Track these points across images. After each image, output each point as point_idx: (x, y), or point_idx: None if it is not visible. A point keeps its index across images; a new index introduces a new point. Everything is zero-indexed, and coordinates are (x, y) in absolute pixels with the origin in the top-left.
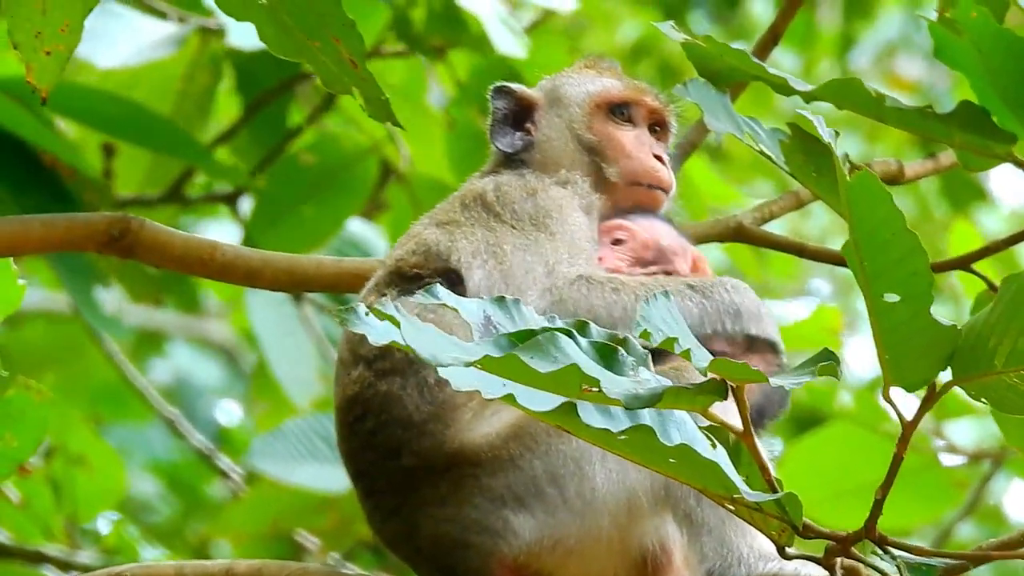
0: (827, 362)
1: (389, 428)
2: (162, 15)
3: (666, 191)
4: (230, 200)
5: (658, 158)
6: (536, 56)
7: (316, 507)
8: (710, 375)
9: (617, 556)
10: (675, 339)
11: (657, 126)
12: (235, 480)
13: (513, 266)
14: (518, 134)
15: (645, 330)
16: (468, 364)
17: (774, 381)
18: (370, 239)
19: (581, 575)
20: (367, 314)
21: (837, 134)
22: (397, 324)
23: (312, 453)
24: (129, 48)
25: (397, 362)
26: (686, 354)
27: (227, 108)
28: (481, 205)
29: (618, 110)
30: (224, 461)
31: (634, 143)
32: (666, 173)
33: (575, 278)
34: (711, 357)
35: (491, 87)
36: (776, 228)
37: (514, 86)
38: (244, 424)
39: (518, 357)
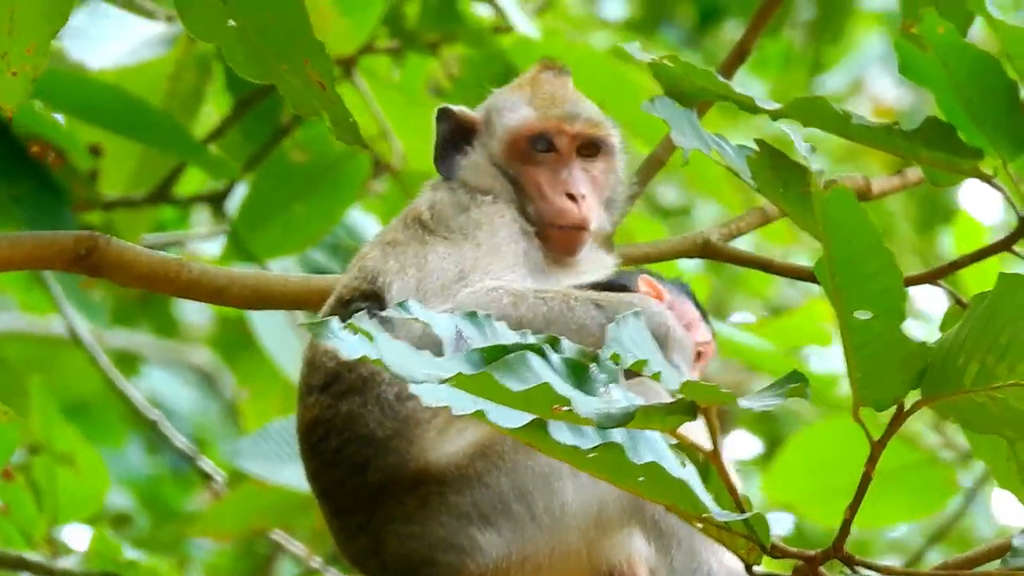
0: (796, 383)
1: (353, 445)
2: (150, 15)
3: (582, 229)
4: (216, 200)
5: (571, 197)
6: (537, 49)
7: (299, 507)
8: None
9: (585, 572)
10: (645, 361)
11: (586, 149)
12: (217, 482)
13: (428, 273)
14: (458, 157)
15: (615, 353)
16: (442, 382)
17: (742, 404)
18: (369, 230)
19: None
20: (339, 328)
21: (813, 148)
22: (371, 338)
23: (297, 454)
24: (119, 48)
25: (351, 382)
26: (657, 376)
27: (218, 107)
28: (419, 224)
29: (538, 142)
30: (207, 463)
31: (548, 181)
32: (576, 212)
33: (490, 288)
34: (682, 379)
35: (436, 110)
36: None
37: (455, 108)
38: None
39: (491, 376)
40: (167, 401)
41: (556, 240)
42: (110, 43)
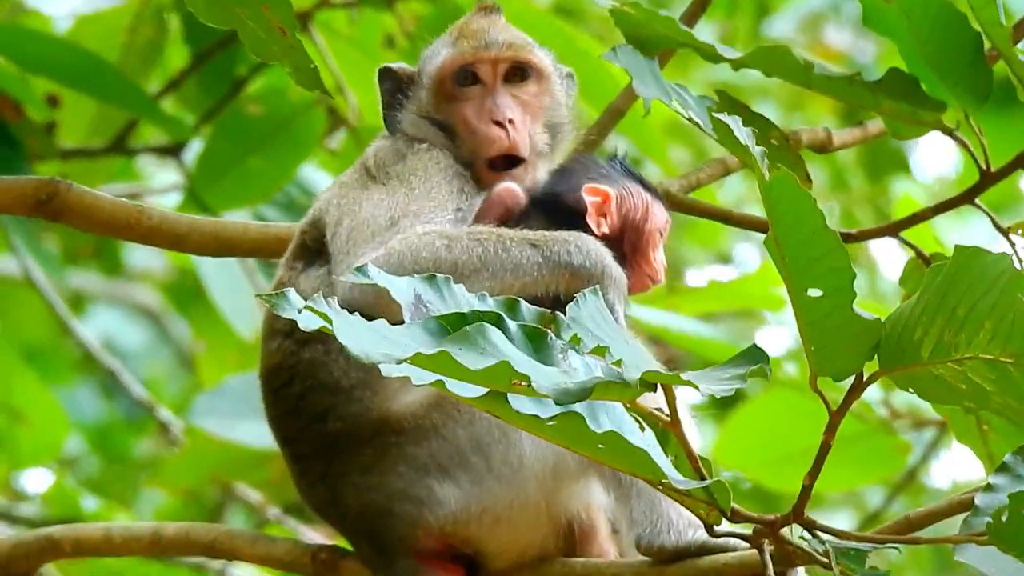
0: (757, 364)
1: (316, 393)
2: None
3: (515, 155)
4: (174, 151)
5: (499, 124)
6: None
7: (256, 461)
8: None
9: (544, 522)
10: (606, 348)
11: (512, 75)
12: (174, 432)
13: (360, 221)
14: (397, 112)
15: (575, 335)
16: (399, 362)
17: (704, 388)
18: (323, 187)
19: (508, 542)
20: (297, 300)
21: (755, 131)
22: (329, 321)
23: (253, 410)
24: None
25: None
26: (618, 363)
27: (175, 60)
28: (364, 169)
29: (460, 77)
30: (164, 413)
31: (475, 113)
32: (505, 138)
33: (422, 232)
34: (646, 366)
35: (377, 71)
36: None
37: (394, 66)
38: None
39: (449, 355)
40: (116, 341)
41: (491, 180)
42: None
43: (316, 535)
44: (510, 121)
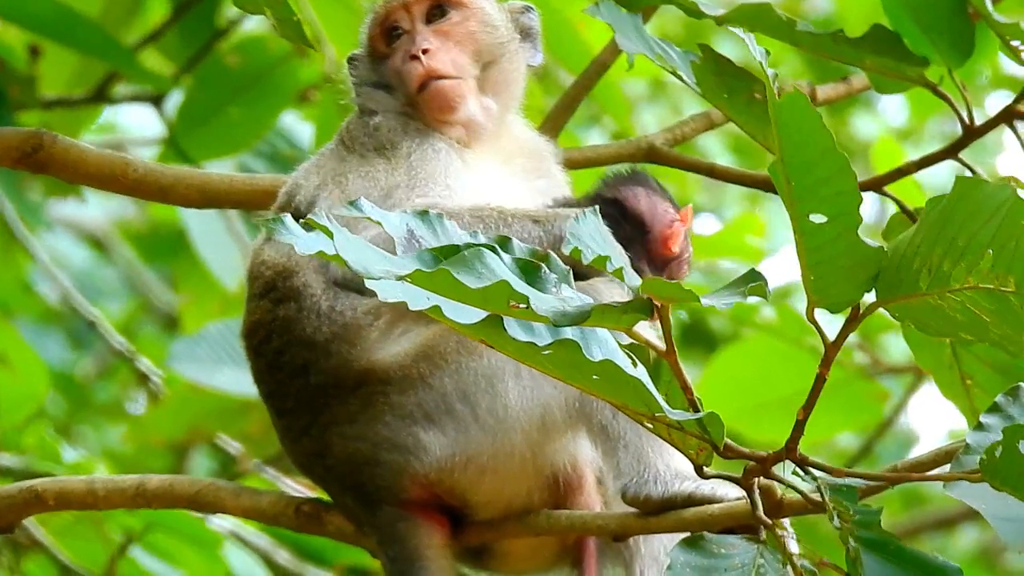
0: (755, 283)
1: (294, 348)
2: None
3: (434, 78)
4: (155, 101)
5: (414, 57)
6: None
7: (238, 409)
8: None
9: (530, 474)
10: (607, 257)
11: (432, 13)
12: (156, 383)
13: (351, 192)
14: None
15: (575, 248)
16: (399, 278)
17: (705, 301)
18: (306, 138)
19: (494, 493)
20: (294, 224)
21: (768, 53)
22: (330, 234)
23: (233, 357)
24: None
25: (286, 291)
26: (618, 272)
27: (157, 11)
28: (339, 142)
29: (388, 36)
30: (144, 363)
31: (400, 59)
32: (420, 66)
33: (422, 206)
34: (641, 277)
35: (345, 60)
36: None
37: (356, 52)
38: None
39: (448, 272)
40: (67, 263)
41: (427, 106)
42: None
43: (297, 485)
44: (424, 51)
